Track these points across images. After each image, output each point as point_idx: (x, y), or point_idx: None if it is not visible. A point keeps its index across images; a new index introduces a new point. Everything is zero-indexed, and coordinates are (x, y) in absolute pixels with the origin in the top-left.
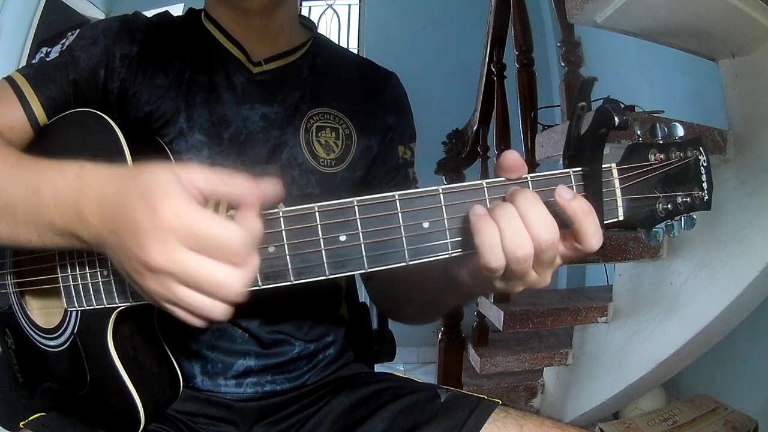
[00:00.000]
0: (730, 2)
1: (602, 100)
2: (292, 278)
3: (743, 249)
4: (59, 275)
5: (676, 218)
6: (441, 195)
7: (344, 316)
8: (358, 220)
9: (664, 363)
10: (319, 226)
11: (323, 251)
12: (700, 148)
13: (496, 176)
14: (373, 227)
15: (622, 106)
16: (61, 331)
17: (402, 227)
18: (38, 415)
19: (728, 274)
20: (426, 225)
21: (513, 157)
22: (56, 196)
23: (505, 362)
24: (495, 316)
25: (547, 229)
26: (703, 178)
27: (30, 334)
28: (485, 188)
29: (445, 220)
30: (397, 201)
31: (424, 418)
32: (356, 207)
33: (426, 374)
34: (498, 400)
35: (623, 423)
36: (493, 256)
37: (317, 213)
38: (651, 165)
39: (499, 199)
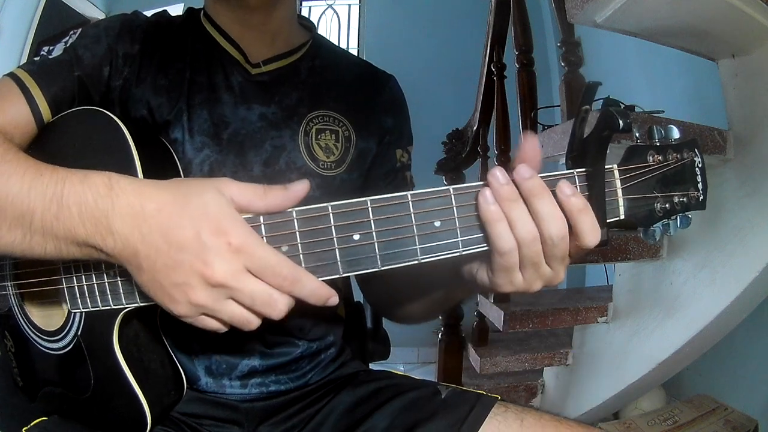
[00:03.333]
0: (730, 2)
1: (602, 101)
2: None
3: (743, 249)
4: (62, 277)
5: (672, 217)
6: (452, 195)
7: (341, 315)
8: (372, 219)
9: (664, 363)
10: (333, 226)
11: (337, 250)
12: (696, 150)
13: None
14: (386, 227)
15: (622, 106)
16: (64, 333)
17: (414, 226)
18: (39, 419)
19: (728, 274)
20: (437, 224)
21: (533, 144)
22: (81, 206)
23: (505, 362)
24: (495, 316)
25: (557, 223)
26: (698, 178)
27: (31, 336)
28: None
29: (456, 219)
30: (410, 201)
31: (425, 414)
32: (370, 207)
33: (426, 374)
34: (497, 395)
35: (623, 423)
36: (504, 242)
37: (331, 213)
38: (650, 166)
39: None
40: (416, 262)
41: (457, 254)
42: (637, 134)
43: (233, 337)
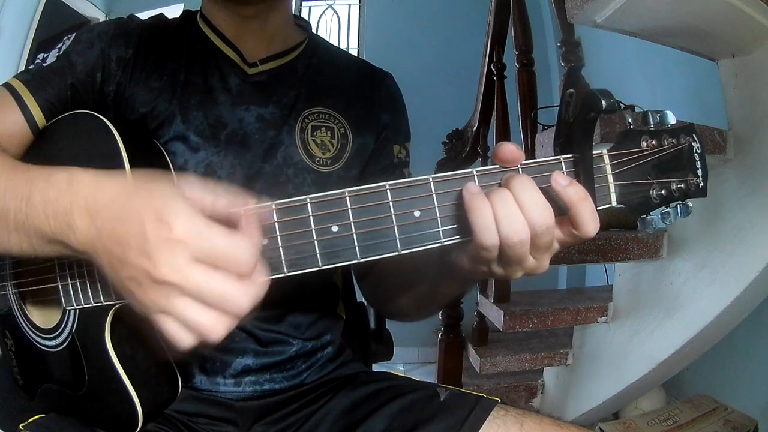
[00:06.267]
0: (730, 2)
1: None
2: (285, 270)
3: (743, 249)
4: (57, 274)
5: (671, 205)
6: (431, 183)
7: (341, 315)
8: (350, 210)
9: (664, 363)
10: (311, 217)
11: (316, 242)
12: (693, 135)
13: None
14: (364, 217)
15: (622, 106)
16: (59, 330)
17: (393, 216)
18: (37, 416)
19: (728, 274)
20: (417, 214)
21: (510, 150)
22: (46, 203)
23: (505, 362)
24: (495, 316)
25: (542, 214)
26: (698, 164)
27: (29, 334)
28: (476, 176)
29: (437, 209)
30: (388, 190)
31: (424, 416)
32: (348, 197)
33: (426, 374)
34: (497, 398)
35: (623, 423)
36: (488, 234)
37: (309, 204)
38: (643, 151)
39: (490, 186)
40: (396, 253)
41: (438, 245)
42: (630, 120)
43: (227, 335)
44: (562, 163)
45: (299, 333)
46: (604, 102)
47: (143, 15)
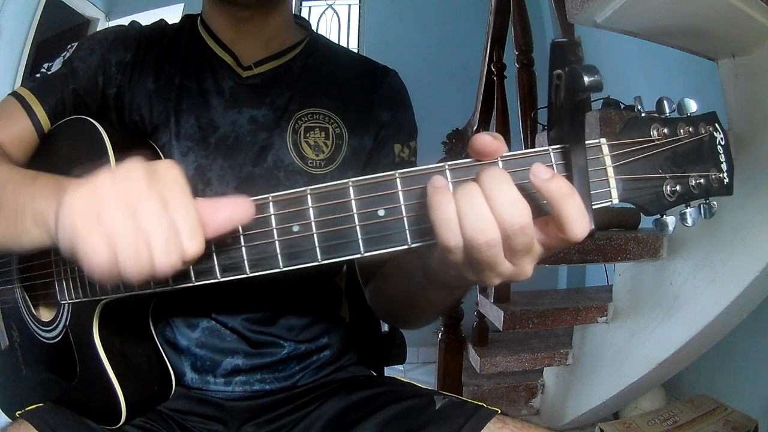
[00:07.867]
0: (730, 2)
1: (602, 101)
2: (248, 270)
3: (743, 249)
4: (54, 270)
5: (691, 204)
6: (398, 180)
7: (344, 317)
8: (311, 209)
9: (664, 363)
10: (272, 216)
11: (277, 242)
12: (716, 124)
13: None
14: (325, 217)
15: (622, 106)
16: (56, 323)
17: (356, 215)
18: (35, 406)
19: (728, 274)
20: (382, 213)
21: (484, 141)
22: (44, 183)
23: (505, 362)
24: (495, 316)
25: (515, 211)
26: (722, 158)
27: (31, 327)
28: (447, 170)
29: (402, 207)
30: (351, 188)
31: (417, 425)
32: (309, 196)
33: (426, 374)
34: (497, 408)
35: (623, 423)
36: (449, 233)
37: (271, 203)
38: (652, 141)
39: (464, 182)
40: (359, 255)
41: (405, 247)
42: (639, 107)
43: (218, 335)
44: (551, 154)
45: (292, 335)
46: (586, 78)
47: (143, 15)
